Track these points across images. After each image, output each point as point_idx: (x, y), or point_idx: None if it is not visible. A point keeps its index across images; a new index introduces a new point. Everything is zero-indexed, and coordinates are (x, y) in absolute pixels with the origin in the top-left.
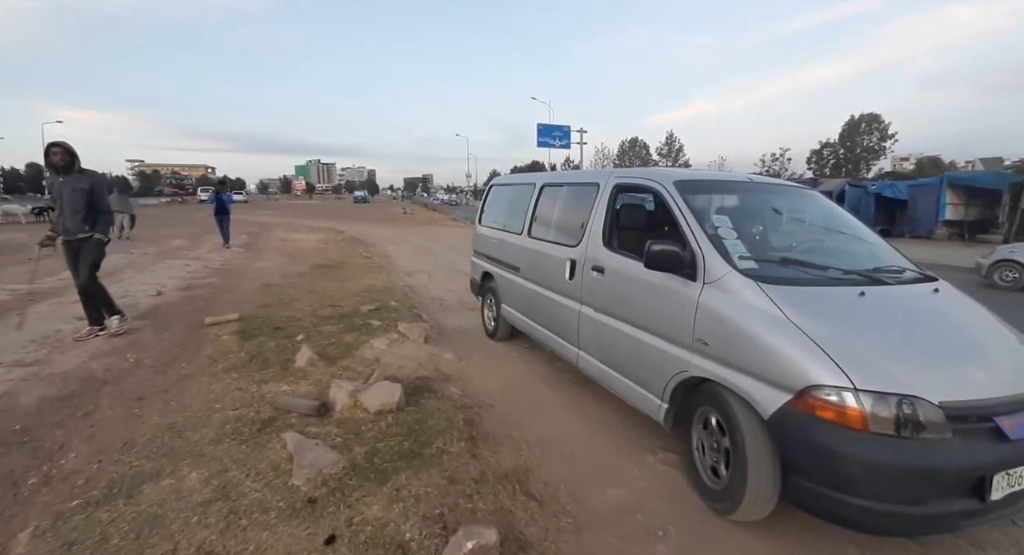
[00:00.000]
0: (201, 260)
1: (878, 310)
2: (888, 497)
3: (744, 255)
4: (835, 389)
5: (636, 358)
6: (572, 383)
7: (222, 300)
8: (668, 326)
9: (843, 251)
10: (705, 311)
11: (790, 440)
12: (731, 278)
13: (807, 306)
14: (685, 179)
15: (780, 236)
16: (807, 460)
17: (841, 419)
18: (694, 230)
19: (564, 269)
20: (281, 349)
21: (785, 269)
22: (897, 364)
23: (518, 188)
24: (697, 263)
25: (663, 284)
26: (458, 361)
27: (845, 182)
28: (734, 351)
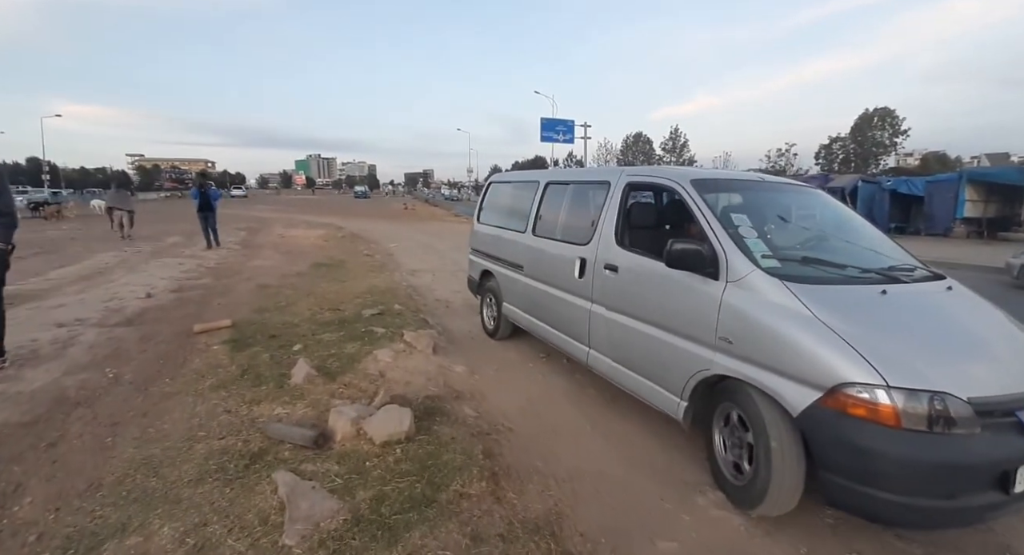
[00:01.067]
0: (196, 258)
1: (900, 308)
2: (920, 492)
3: (766, 254)
4: (867, 386)
5: (653, 357)
6: (597, 401)
7: (215, 303)
8: (689, 324)
9: (855, 250)
10: (729, 310)
11: (821, 437)
12: (756, 277)
13: (833, 304)
14: (702, 178)
15: (793, 235)
16: (839, 457)
17: (873, 416)
18: (715, 229)
19: (573, 268)
20: (276, 362)
21: (807, 268)
22: (925, 361)
23: (519, 185)
24: (719, 262)
25: (683, 283)
26: (470, 374)
27: (858, 178)
28: (761, 349)
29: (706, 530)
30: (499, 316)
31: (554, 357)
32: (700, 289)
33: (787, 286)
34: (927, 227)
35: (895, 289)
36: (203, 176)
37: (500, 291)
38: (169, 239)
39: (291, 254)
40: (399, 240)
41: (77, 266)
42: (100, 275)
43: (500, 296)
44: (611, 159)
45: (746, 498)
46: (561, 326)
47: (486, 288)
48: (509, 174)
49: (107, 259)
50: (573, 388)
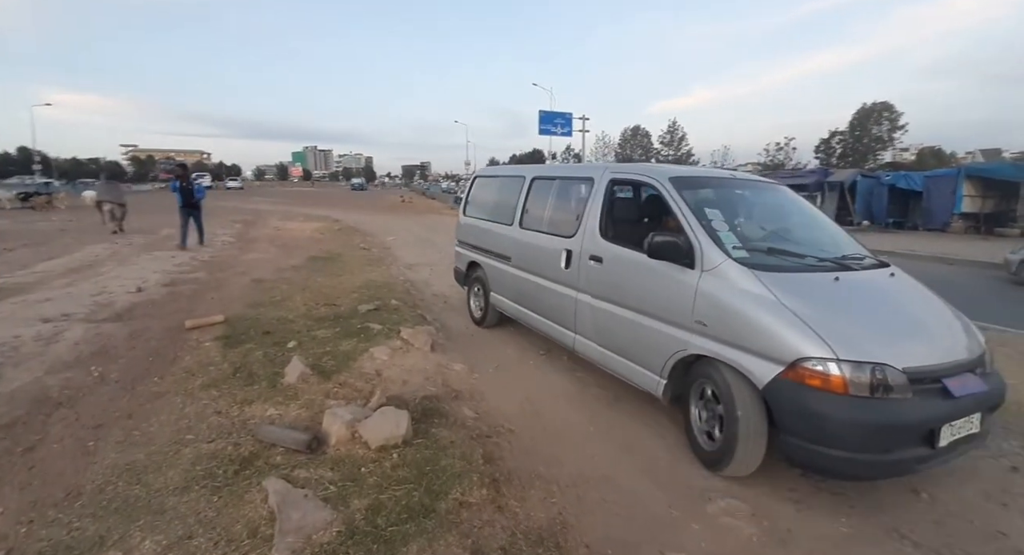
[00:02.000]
0: (189, 251)
1: (849, 292)
2: (864, 448)
3: (737, 245)
4: (821, 360)
5: (636, 340)
6: (600, 401)
7: (208, 298)
8: (668, 310)
9: (814, 240)
10: (704, 296)
11: (783, 405)
12: (727, 266)
13: (794, 290)
14: (679, 175)
15: (760, 227)
16: (797, 421)
17: (826, 385)
18: (691, 223)
19: (560, 259)
20: (269, 359)
21: (771, 257)
22: (868, 337)
23: (505, 180)
24: (695, 253)
25: (663, 272)
26: (469, 373)
27: (857, 173)
28: (732, 331)
29: (717, 539)
30: (487, 305)
31: (554, 354)
32: (678, 277)
33: (755, 274)
34: (925, 222)
35: (846, 276)
36: (183, 167)
37: (488, 281)
38: (163, 231)
39: (286, 247)
40: (396, 233)
41: (66, 258)
42: (89, 268)
43: (488, 286)
44: (609, 153)
45: (716, 461)
46: (548, 314)
47: (473, 278)
48: (494, 169)
49: (97, 251)
50: (574, 387)
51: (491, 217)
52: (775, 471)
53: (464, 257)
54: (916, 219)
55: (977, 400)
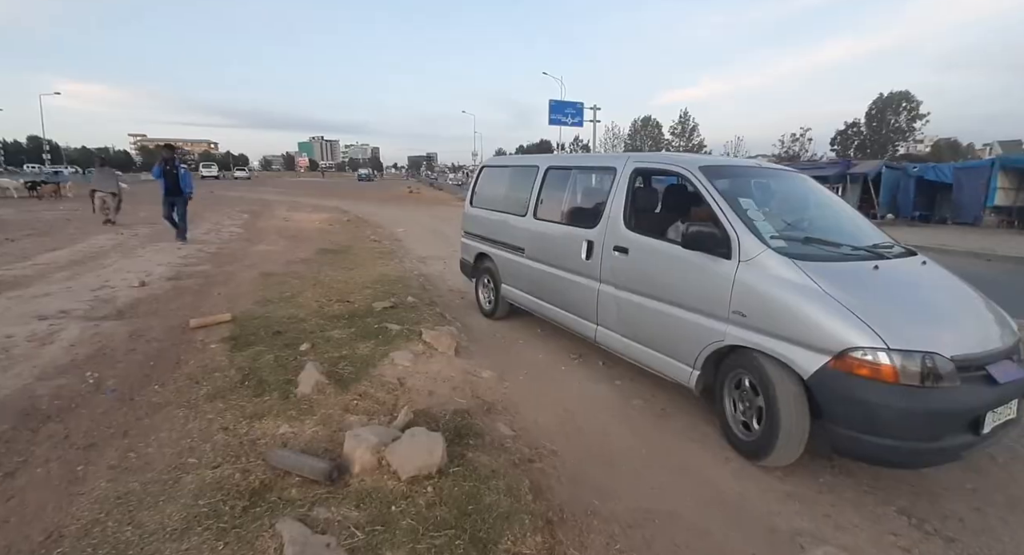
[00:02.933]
0: (197, 242)
1: (890, 281)
2: (914, 436)
3: (774, 235)
4: (871, 350)
5: (666, 331)
6: (645, 415)
7: (214, 293)
8: (702, 300)
9: (842, 229)
10: (743, 286)
11: (830, 395)
12: (767, 256)
13: (836, 279)
14: (709, 164)
15: (790, 216)
16: (846, 411)
17: (876, 374)
18: (727, 213)
19: (580, 250)
20: (281, 365)
21: (809, 247)
22: (915, 326)
23: (516, 170)
24: (732, 243)
25: (696, 262)
26: (499, 381)
27: (882, 164)
28: (774, 321)
29: None
30: (497, 297)
31: (588, 359)
32: (712, 268)
33: (796, 264)
34: (955, 216)
35: (884, 264)
36: (169, 148)
37: (498, 273)
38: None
39: (295, 239)
40: (406, 225)
41: (69, 250)
42: (92, 260)
43: (498, 278)
44: (618, 144)
45: (756, 451)
46: (567, 305)
47: (482, 270)
48: (503, 158)
49: (102, 242)
50: (615, 398)
51: (501, 208)
52: (874, 511)
53: (472, 248)
54: (944, 212)
55: (1018, 386)
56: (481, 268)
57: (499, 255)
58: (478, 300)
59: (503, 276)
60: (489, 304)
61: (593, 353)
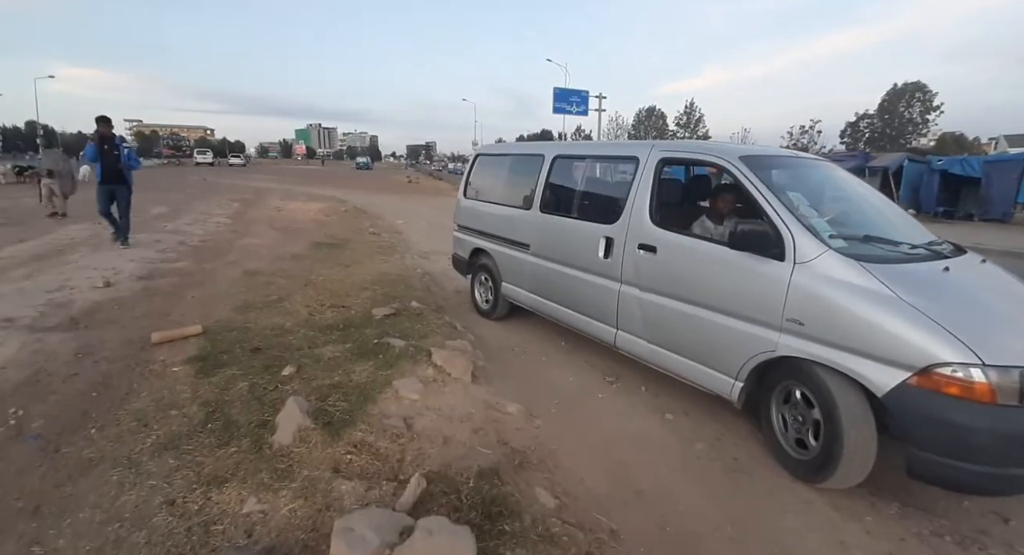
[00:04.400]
0: (178, 234)
1: (963, 285)
2: (1011, 462)
3: (832, 234)
4: (962, 366)
5: (703, 339)
6: (717, 468)
7: (188, 297)
8: (748, 306)
9: (892, 225)
10: (800, 292)
11: (911, 416)
12: (828, 258)
13: (909, 284)
14: (751, 154)
15: (835, 211)
16: (931, 434)
17: (968, 394)
18: (777, 209)
19: (597, 247)
20: (256, 396)
21: (870, 246)
22: (1004, 336)
23: (518, 159)
24: (785, 243)
25: (741, 264)
26: (528, 417)
27: (904, 157)
28: (839, 331)
29: None
30: (496, 296)
31: (627, 382)
32: (762, 271)
33: (864, 267)
34: (982, 211)
35: (952, 265)
36: (106, 123)
37: (498, 270)
38: (153, 210)
39: (287, 231)
40: (406, 216)
41: (36, 242)
42: (58, 255)
43: (497, 276)
44: (622, 134)
45: (813, 472)
46: (581, 308)
47: (478, 267)
48: (501, 146)
49: (74, 234)
50: (672, 440)
51: (501, 200)
52: None
53: (466, 243)
54: (970, 208)
55: None
56: (477, 265)
57: (499, 251)
58: (474, 299)
59: (504, 274)
60: (487, 304)
61: (631, 373)
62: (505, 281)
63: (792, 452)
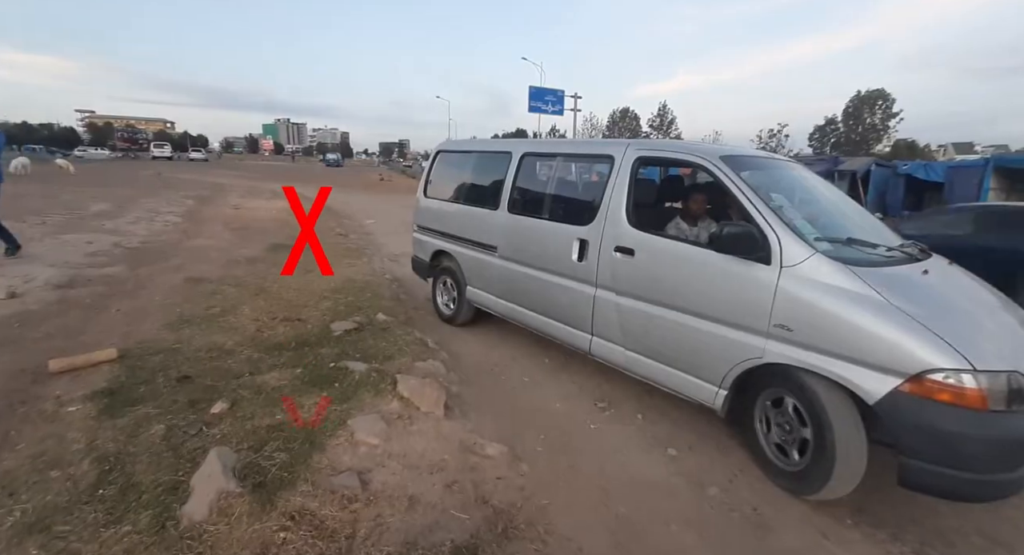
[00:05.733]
0: (117, 234)
1: (942, 288)
2: (1000, 467)
3: (817, 236)
4: (954, 372)
5: (685, 346)
6: (732, 517)
7: (112, 310)
8: (733, 311)
9: (864, 227)
10: (787, 296)
11: (903, 423)
12: (816, 262)
13: (895, 287)
14: (731, 154)
15: (810, 213)
16: (922, 442)
17: (960, 400)
18: (762, 211)
19: (570, 250)
20: (172, 447)
21: (854, 249)
22: (988, 340)
23: (483, 156)
24: (771, 246)
25: (725, 268)
26: (512, 460)
27: (872, 161)
28: (829, 337)
29: None
30: (460, 301)
31: (620, 407)
32: (747, 274)
33: (852, 270)
34: None
35: (929, 267)
36: None
37: (462, 274)
38: (94, 207)
39: (244, 231)
40: (376, 216)
41: None
42: None
43: (462, 279)
44: (596, 134)
45: (803, 484)
46: (553, 313)
47: (441, 270)
48: (464, 142)
49: None
50: (681, 486)
51: (465, 199)
52: None
53: (427, 245)
54: None
55: None
56: (439, 268)
57: (463, 254)
58: (435, 304)
59: (469, 278)
60: (449, 309)
61: (623, 396)
62: (470, 285)
63: (779, 463)
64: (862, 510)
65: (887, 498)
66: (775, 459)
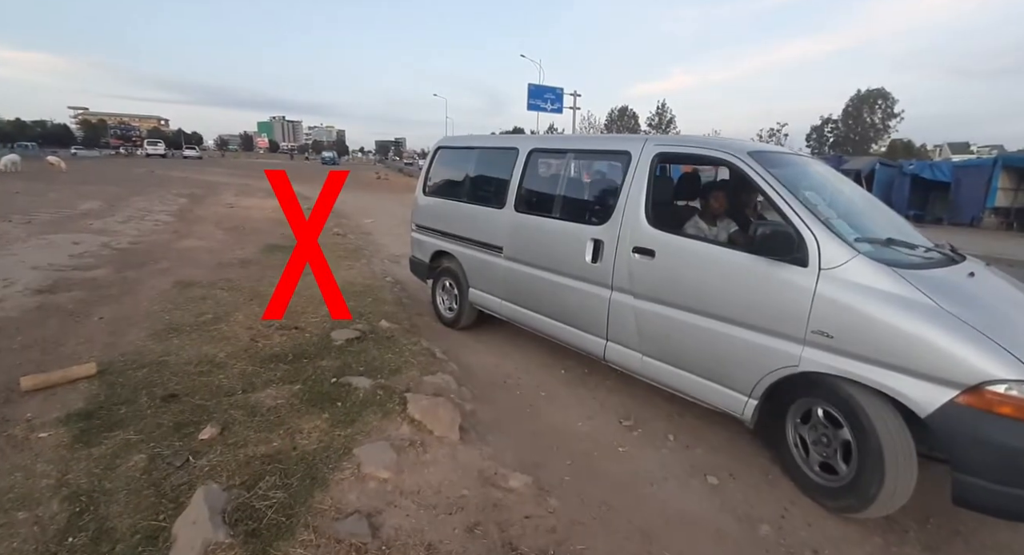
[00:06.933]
0: (105, 234)
1: (989, 292)
2: None
3: (858, 237)
4: (1017, 383)
5: (710, 352)
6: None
7: (95, 317)
8: (766, 317)
9: (896, 227)
10: (827, 301)
11: (958, 437)
12: (859, 264)
13: (946, 292)
14: (760, 150)
15: (841, 212)
16: (982, 458)
17: (1022, 414)
18: (797, 210)
19: (583, 250)
20: (154, 482)
21: (894, 251)
22: None
23: (487, 152)
24: (808, 247)
25: (757, 270)
26: (538, 494)
27: (876, 161)
28: (875, 345)
29: None
30: (462, 304)
31: (648, 426)
32: (782, 277)
33: (898, 273)
34: (951, 216)
35: (975, 270)
36: None
37: (464, 275)
38: (83, 205)
39: (238, 231)
40: (375, 215)
41: None
42: None
43: (464, 281)
44: (595, 133)
45: (848, 501)
46: (565, 317)
47: (441, 271)
48: (466, 138)
49: None
50: (727, 523)
51: (468, 197)
52: None
53: (426, 245)
54: (939, 212)
55: None
56: (440, 269)
57: (465, 254)
58: (435, 307)
59: (472, 279)
60: (451, 312)
61: (650, 412)
62: (473, 287)
63: (817, 478)
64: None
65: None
66: (814, 475)
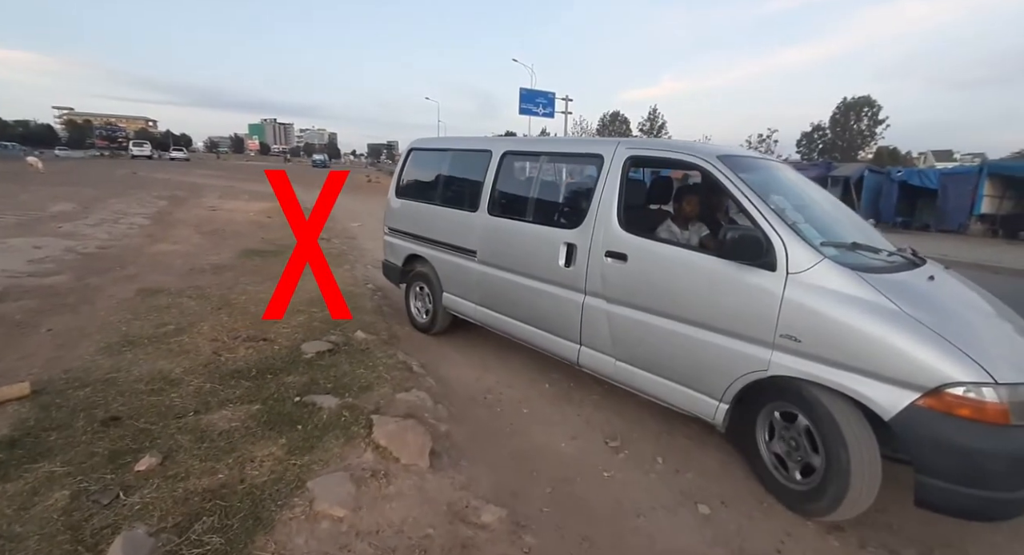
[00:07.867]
0: (72, 237)
1: (949, 296)
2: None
3: (823, 241)
4: (974, 385)
5: (682, 357)
6: None
7: (43, 329)
8: (736, 322)
9: (860, 231)
10: (795, 305)
11: (920, 440)
12: (825, 268)
13: (908, 296)
14: (730, 154)
15: (808, 217)
16: (942, 460)
17: (981, 415)
18: (765, 214)
19: (557, 255)
20: (72, 526)
21: (859, 255)
22: (1008, 351)
23: (460, 155)
24: (776, 251)
25: (727, 274)
26: (512, 530)
27: (864, 167)
28: (841, 349)
29: None
30: (435, 309)
31: (635, 447)
32: (751, 282)
33: (862, 277)
34: (938, 223)
35: (935, 274)
36: None
37: (437, 280)
38: (55, 207)
39: (216, 235)
40: (363, 219)
41: None
42: None
43: (437, 285)
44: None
45: (813, 504)
46: (538, 321)
47: (414, 275)
48: (439, 140)
49: None
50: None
51: (440, 200)
52: None
53: (399, 248)
54: (926, 219)
55: None
56: (413, 273)
57: (439, 258)
58: (409, 312)
59: (445, 283)
60: (424, 317)
61: (637, 432)
62: (447, 291)
63: (786, 482)
64: None
65: None
66: (782, 479)
